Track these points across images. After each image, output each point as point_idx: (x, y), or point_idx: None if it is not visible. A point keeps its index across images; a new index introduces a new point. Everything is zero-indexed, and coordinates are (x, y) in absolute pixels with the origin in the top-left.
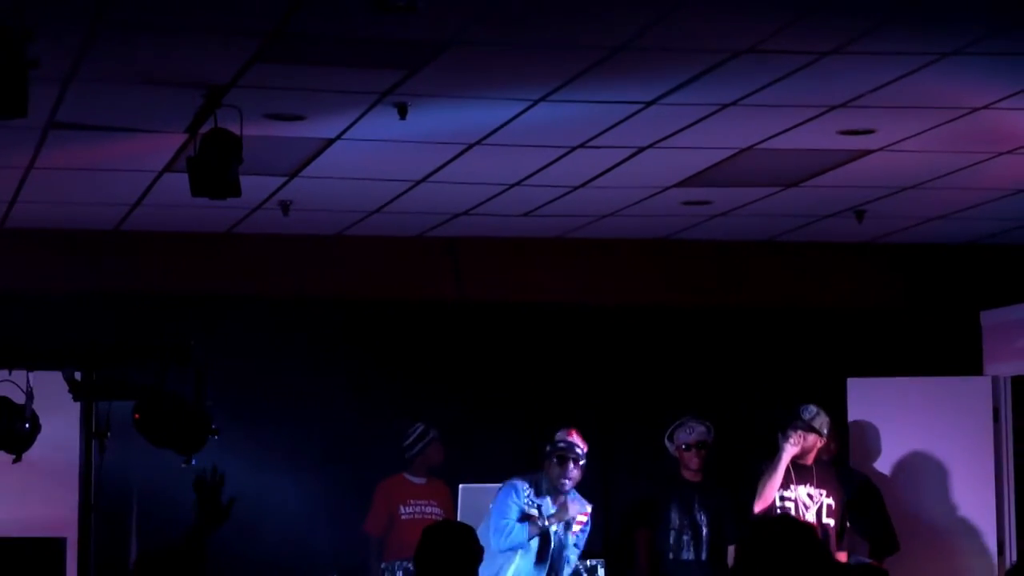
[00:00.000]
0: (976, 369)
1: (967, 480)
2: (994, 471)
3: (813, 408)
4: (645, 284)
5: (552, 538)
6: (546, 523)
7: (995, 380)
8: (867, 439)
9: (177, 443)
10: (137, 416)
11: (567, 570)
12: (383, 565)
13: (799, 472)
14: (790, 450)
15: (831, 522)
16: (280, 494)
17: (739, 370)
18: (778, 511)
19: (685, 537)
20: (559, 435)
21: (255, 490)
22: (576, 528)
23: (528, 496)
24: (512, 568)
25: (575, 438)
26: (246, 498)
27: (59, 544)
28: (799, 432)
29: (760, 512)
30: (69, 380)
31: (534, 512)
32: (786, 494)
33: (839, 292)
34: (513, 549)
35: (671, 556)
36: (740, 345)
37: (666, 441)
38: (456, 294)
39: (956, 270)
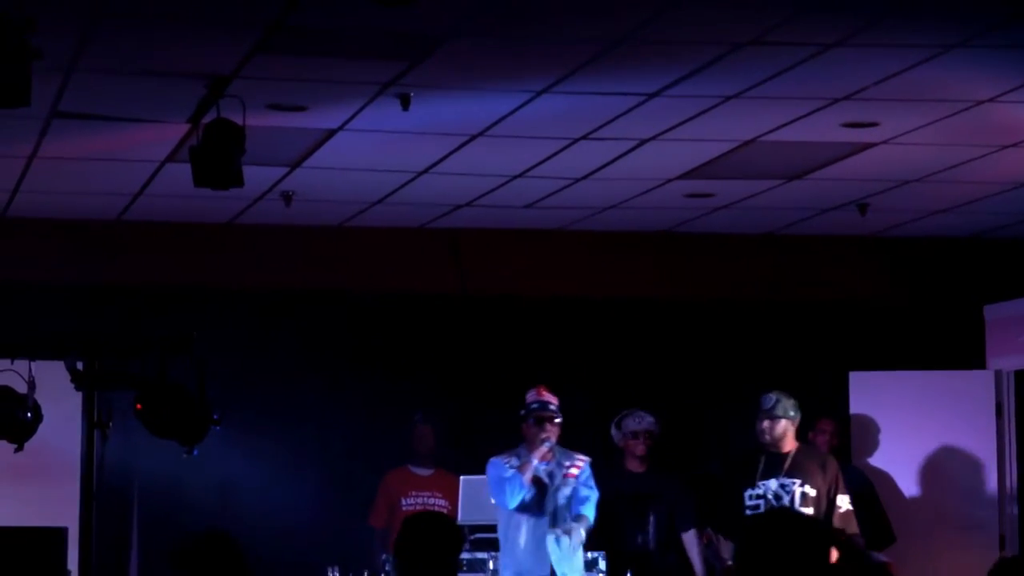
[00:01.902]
0: (979, 363)
1: (969, 474)
2: (996, 465)
3: (772, 396)
4: (647, 276)
5: (548, 489)
6: (534, 461)
7: (998, 374)
8: (869, 433)
9: (178, 434)
10: (139, 406)
11: (562, 514)
12: (384, 556)
13: (769, 463)
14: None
15: (808, 511)
16: (282, 485)
17: (742, 363)
18: (747, 511)
19: (635, 527)
20: (530, 396)
21: (256, 481)
22: (571, 477)
23: (508, 464)
24: (524, 527)
25: (546, 395)
26: (247, 489)
27: (60, 534)
28: (763, 421)
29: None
30: (71, 370)
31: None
32: (754, 492)
33: (842, 285)
34: (522, 500)
35: (627, 547)
36: (742, 338)
37: (612, 429)
38: (458, 285)
39: (959, 264)
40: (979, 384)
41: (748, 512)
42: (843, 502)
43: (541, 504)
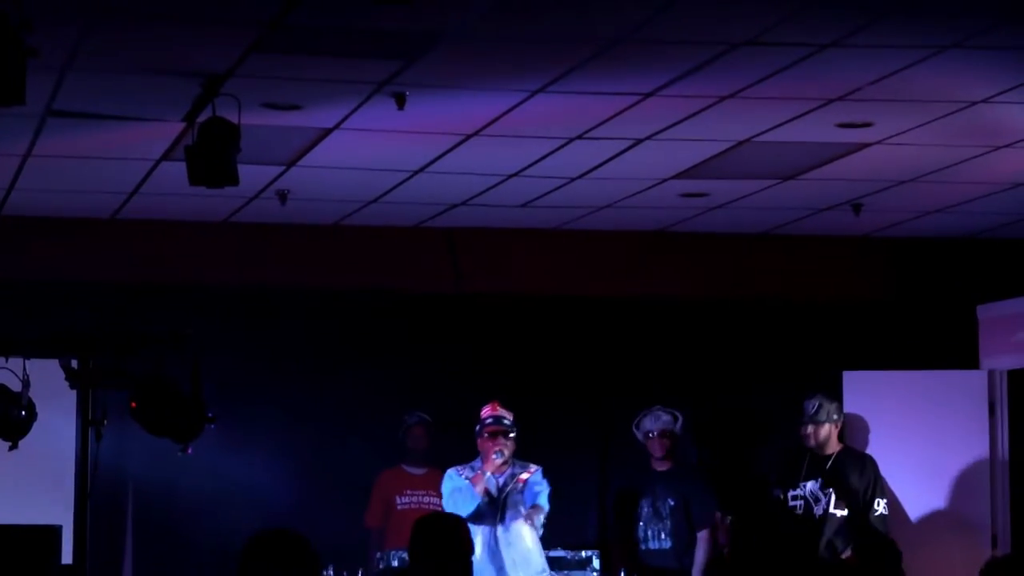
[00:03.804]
0: (972, 363)
1: (962, 473)
2: (989, 465)
3: (815, 401)
4: (642, 276)
5: (498, 500)
6: (487, 473)
7: (991, 374)
8: (863, 432)
9: (173, 431)
10: (133, 404)
11: (513, 520)
12: (378, 555)
13: (812, 465)
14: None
15: (840, 512)
16: (277, 484)
17: (736, 362)
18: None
19: (652, 526)
20: (484, 411)
21: (251, 479)
22: (521, 482)
23: (464, 475)
24: (479, 539)
25: (500, 411)
26: (242, 487)
27: (55, 532)
28: (807, 426)
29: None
30: (66, 368)
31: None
32: (795, 492)
33: (836, 285)
34: (472, 514)
35: (643, 546)
36: (737, 337)
37: (634, 429)
38: (454, 284)
39: (953, 264)
40: (972, 384)
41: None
42: (880, 505)
43: (494, 516)
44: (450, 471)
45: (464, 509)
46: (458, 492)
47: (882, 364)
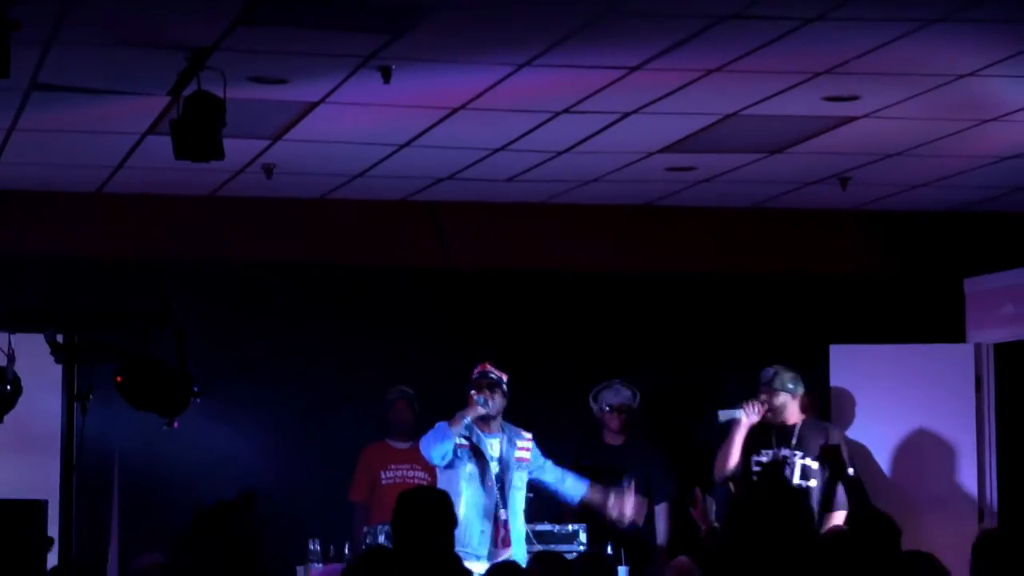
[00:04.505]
0: (959, 336)
1: (949, 448)
2: (976, 439)
3: (771, 369)
4: (629, 250)
5: (488, 458)
6: (467, 418)
7: (978, 348)
8: (849, 406)
9: (159, 406)
10: (119, 379)
11: (515, 495)
12: (365, 529)
13: (778, 434)
14: (745, 421)
15: (812, 483)
16: (263, 458)
17: (722, 336)
18: (754, 477)
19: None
20: (476, 369)
21: (237, 454)
22: (523, 461)
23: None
24: (463, 500)
25: (490, 368)
26: (228, 462)
27: (40, 506)
28: (754, 401)
29: (721, 479)
30: (51, 342)
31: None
32: (759, 458)
33: (822, 259)
34: (451, 455)
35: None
36: (723, 311)
37: (591, 402)
38: (440, 259)
39: (939, 237)
40: (959, 357)
41: (754, 477)
42: (850, 471)
43: (483, 478)
44: (437, 424)
45: (438, 448)
46: (434, 432)
47: (869, 338)
